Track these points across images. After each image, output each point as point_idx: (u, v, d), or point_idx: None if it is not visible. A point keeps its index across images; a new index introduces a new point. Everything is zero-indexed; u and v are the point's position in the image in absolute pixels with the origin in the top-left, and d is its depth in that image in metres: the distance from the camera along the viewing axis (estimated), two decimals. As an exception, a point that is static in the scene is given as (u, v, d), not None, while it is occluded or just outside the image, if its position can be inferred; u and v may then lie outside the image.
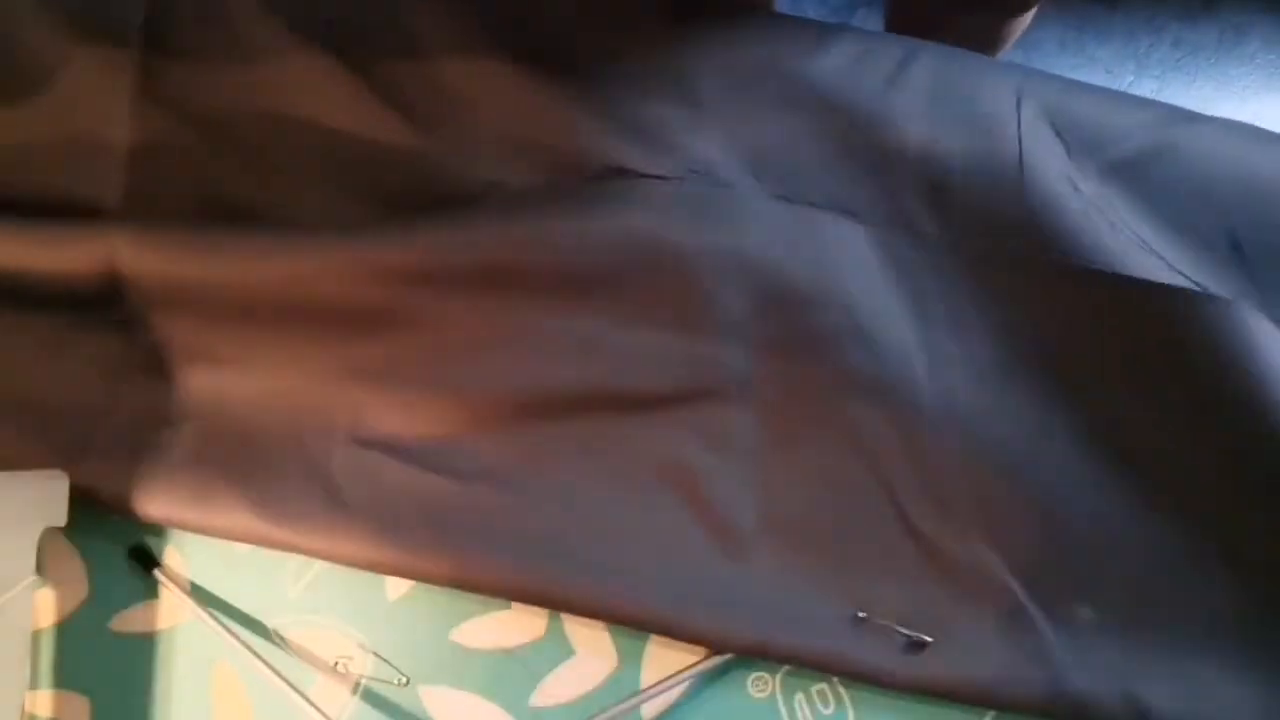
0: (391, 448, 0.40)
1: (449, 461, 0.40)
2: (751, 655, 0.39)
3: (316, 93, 0.43)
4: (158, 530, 0.41)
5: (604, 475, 0.40)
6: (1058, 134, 0.43)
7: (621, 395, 0.40)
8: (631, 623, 0.39)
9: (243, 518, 0.39)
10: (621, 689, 0.40)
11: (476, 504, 0.39)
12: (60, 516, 0.38)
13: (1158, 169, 0.43)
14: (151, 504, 0.39)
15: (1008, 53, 0.79)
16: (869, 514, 0.40)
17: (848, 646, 0.38)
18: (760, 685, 0.40)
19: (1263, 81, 1.27)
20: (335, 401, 0.40)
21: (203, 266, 0.40)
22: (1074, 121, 0.43)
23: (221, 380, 0.41)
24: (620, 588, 0.38)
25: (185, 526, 0.39)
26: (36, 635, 0.40)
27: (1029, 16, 0.72)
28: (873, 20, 1.17)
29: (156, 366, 0.41)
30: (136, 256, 0.40)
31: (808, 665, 0.39)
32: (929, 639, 0.38)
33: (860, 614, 0.39)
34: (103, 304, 0.41)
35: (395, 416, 0.40)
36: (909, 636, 0.38)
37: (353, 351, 0.41)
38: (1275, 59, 1.26)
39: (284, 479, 0.39)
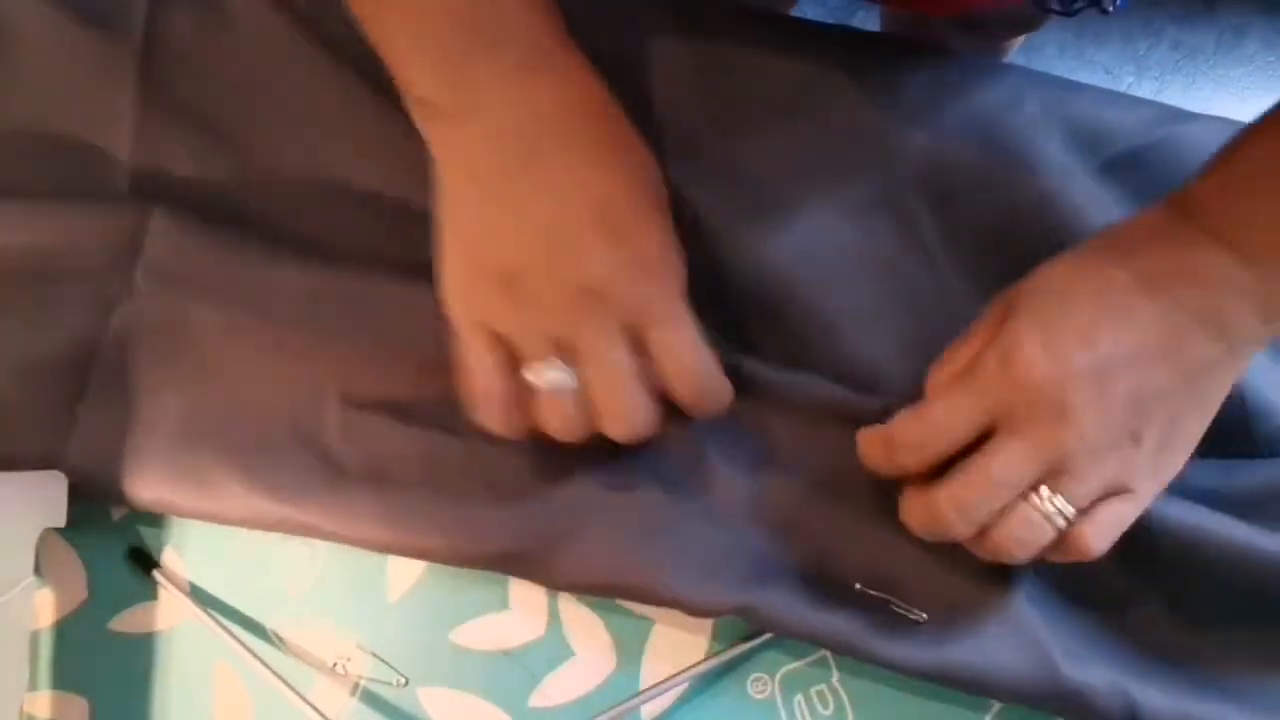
0: (386, 407, 0.40)
1: (446, 417, 0.39)
2: (738, 617, 0.38)
3: (321, 94, 0.43)
4: (157, 531, 0.41)
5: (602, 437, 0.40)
6: (1056, 133, 0.43)
7: None
8: (618, 592, 0.39)
9: (236, 494, 0.38)
10: (621, 689, 0.40)
11: (475, 459, 0.39)
12: (59, 517, 0.38)
13: (1154, 167, 0.43)
14: (141, 486, 0.38)
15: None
16: (868, 499, 0.40)
17: (840, 619, 0.38)
18: (760, 686, 0.40)
19: (1261, 82, 1.27)
20: (324, 363, 0.40)
21: (209, 248, 0.40)
22: (1072, 120, 0.43)
23: (207, 352, 0.40)
24: (613, 554, 0.38)
25: (177, 510, 0.39)
26: (35, 636, 0.40)
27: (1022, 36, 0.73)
28: (871, 21, 1.17)
29: (141, 342, 0.40)
30: (154, 242, 0.40)
31: (796, 636, 0.38)
32: (924, 616, 0.38)
33: (857, 585, 0.38)
34: (92, 280, 0.40)
35: (387, 375, 0.40)
36: (904, 612, 0.38)
37: (341, 313, 0.40)
38: (1274, 60, 1.26)
39: (277, 449, 0.39)
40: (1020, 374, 0.33)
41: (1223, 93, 1.26)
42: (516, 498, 0.39)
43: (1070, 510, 0.34)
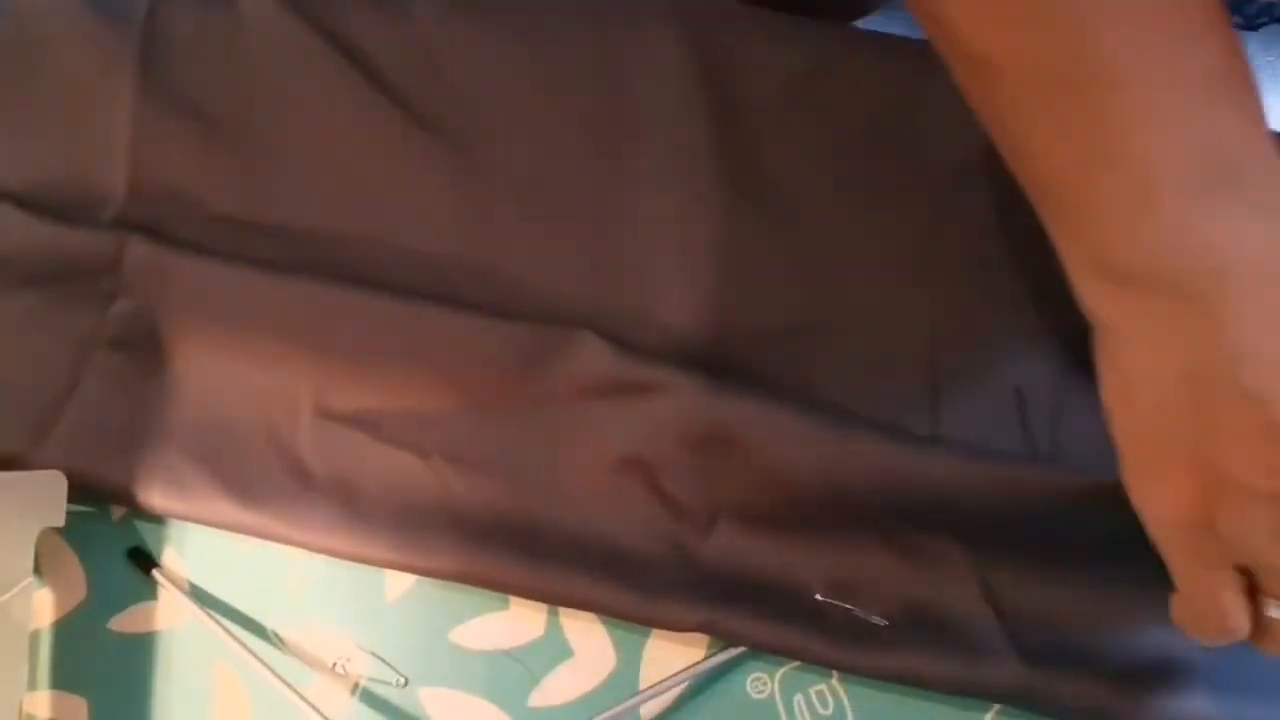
0: (357, 422, 0.40)
1: (413, 437, 0.40)
2: (703, 632, 0.39)
3: (321, 91, 0.43)
4: (156, 531, 0.41)
5: (565, 457, 0.40)
6: None
7: (589, 383, 0.40)
8: (578, 604, 0.39)
9: (214, 500, 0.39)
10: (620, 689, 0.40)
11: (438, 481, 0.39)
12: (58, 517, 0.38)
13: None
14: (120, 486, 0.39)
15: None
16: (824, 505, 0.40)
17: (803, 629, 0.38)
18: (759, 685, 0.40)
19: (1262, 83, 1.27)
20: (302, 375, 0.40)
21: (199, 244, 0.41)
22: None
23: (186, 360, 0.40)
24: (573, 572, 0.38)
25: (155, 510, 0.39)
26: (34, 636, 0.40)
27: None
28: (872, 24, 1.17)
29: (125, 345, 0.40)
30: (138, 246, 0.40)
31: (761, 649, 0.39)
32: (884, 622, 0.38)
33: (816, 596, 0.39)
34: (79, 281, 0.40)
35: (361, 390, 0.40)
36: (864, 620, 0.38)
37: (322, 323, 0.40)
38: (1274, 60, 1.26)
39: (253, 458, 0.39)
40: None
41: (1222, 92, 1.25)
42: (474, 523, 0.39)
43: None
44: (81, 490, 0.39)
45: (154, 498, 0.39)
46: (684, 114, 0.43)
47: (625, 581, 0.39)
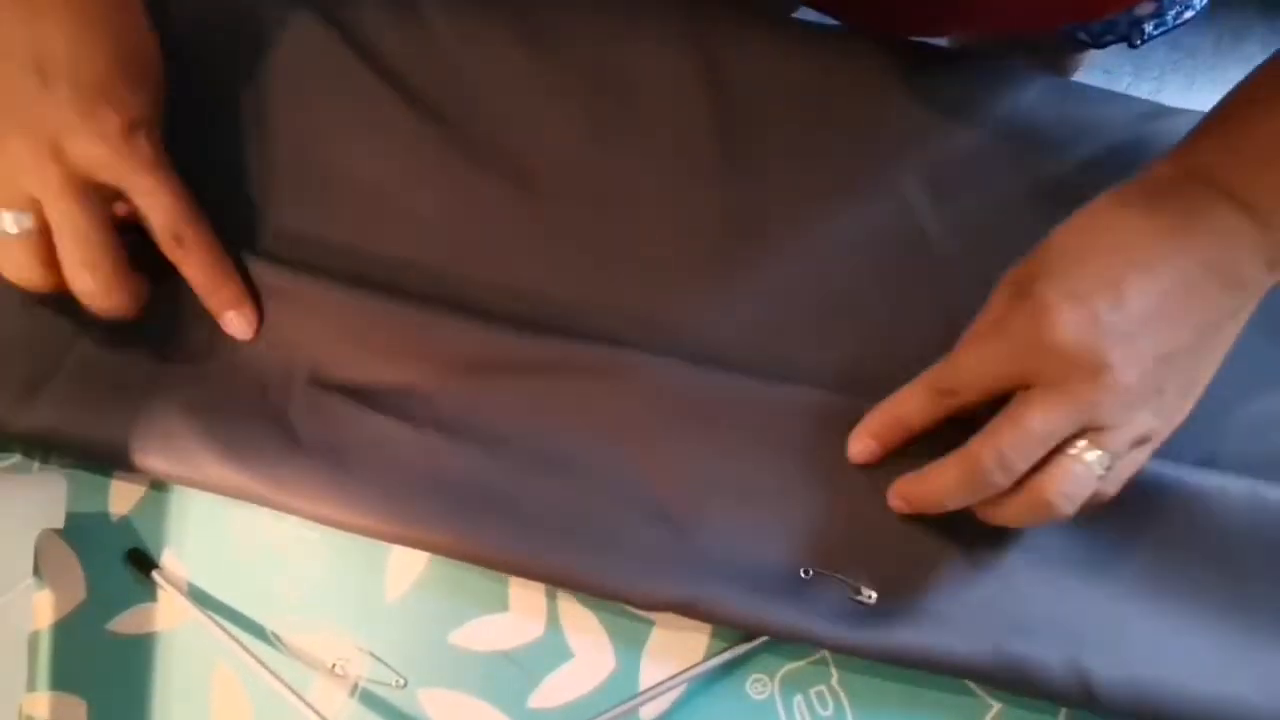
0: (349, 391, 0.40)
1: (403, 408, 0.40)
2: (682, 614, 0.38)
3: (331, 86, 0.43)
4: (156, 532, 0.41)
5: (555, 432, 0.40)
6: (1053, 126, 0.44)
7: (576, 357, 0.40)
8: (560, 582, 0.39)
9: (205, 460, 0.38)
10: (620, 691, 0.40)
11: (426, 451, 0.39)
12: (58, 518, 0.38)
13: (1145, 158, 0.44)
14: (115, 445, 0.39)
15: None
16: (815, 477, 0.40)
17: (786, 607, 0.38)
18: (759, 686, 0.40)
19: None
20: (297, 343, 0.40)
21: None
22: (1068, 114, 0.44)
23: (186, 319, 0.40)
24: (550, 549, 0.38)
25: (146, 470, 0.39)
26: (34, 637, 0.40)
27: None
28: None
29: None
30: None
31: (743, 627, 0.38)
32: (873, 596, 0.38)
33: (805, 573, 0.38)
34: None
35: (354, 361, 0.40)
36: (854, 593, 0.38)
37: (317, 292, 0.40)
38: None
39: (245, 420, 0.39)
40: (1054, 334, 0.34)
41: (1221, 93, 1.26)
42: (460, 494, 0.39)
43: (1109, 462, 0.35)
44: (71, 449, 0.39)
45: (145, 457, 0.39)
46: (686, 115, 0.44)
47: (595, 555, 0.38)
